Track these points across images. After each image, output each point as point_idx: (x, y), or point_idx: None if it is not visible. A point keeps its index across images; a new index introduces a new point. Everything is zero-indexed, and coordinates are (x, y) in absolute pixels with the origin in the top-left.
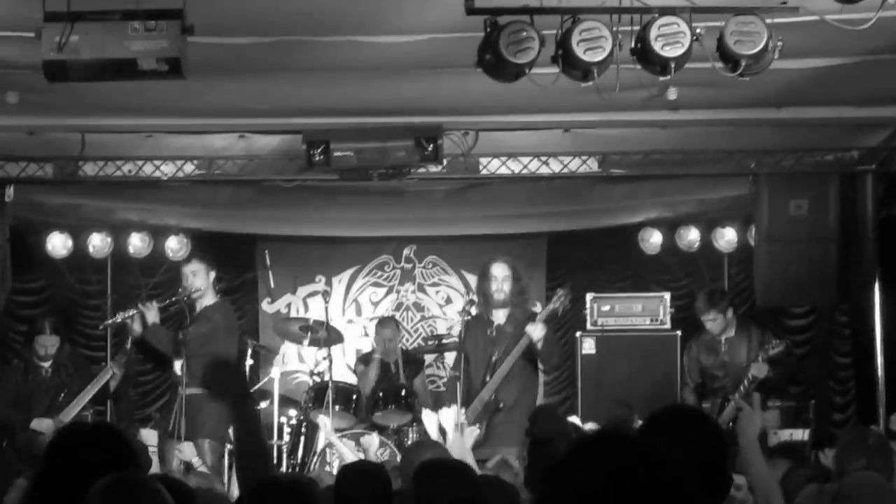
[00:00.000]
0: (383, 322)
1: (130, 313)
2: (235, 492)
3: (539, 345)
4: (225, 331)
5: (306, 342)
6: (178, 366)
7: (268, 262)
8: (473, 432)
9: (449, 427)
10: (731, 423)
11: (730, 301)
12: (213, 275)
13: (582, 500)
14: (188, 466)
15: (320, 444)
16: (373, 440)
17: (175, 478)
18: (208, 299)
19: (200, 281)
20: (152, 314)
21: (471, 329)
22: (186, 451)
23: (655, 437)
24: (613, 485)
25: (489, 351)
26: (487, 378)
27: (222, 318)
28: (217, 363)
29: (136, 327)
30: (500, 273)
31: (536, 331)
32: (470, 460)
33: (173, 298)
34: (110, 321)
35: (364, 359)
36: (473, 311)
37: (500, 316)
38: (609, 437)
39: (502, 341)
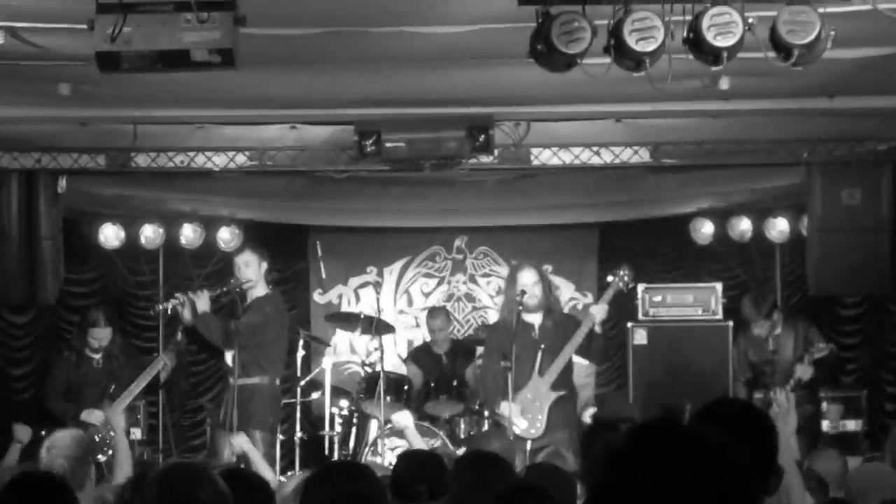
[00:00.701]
0: (433, 312)
1: (181, 300)
2: (286, 481)
3: (599, 328)
4: (276, 322)
5: (358, 331)
6: (229, 357)
7: (319, 252)
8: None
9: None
10: None
11: (774, 303)
12: (264, 266)
13: (642, 486)
14: (240, 458)
15: (372, 434)
16: (403, 416)
17: (245, 469)
18: (260, 290)
19: (252, 272)
20: (203, 302)
21: (519, 328)
22: (237, 443)
23: (708, 427)
24: (673, 471)
25: (535, 348)
26: (536, 371)
27: (273, 309)
28: None
29: (187, 315)
30: (529, 280)
31: (601, 311)
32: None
33: (224, 289)
34: (161, 307)
35: (414, 355)
36: (523, 303)
37: (535, 318)
38: (668, 424)
39: (546, 338)
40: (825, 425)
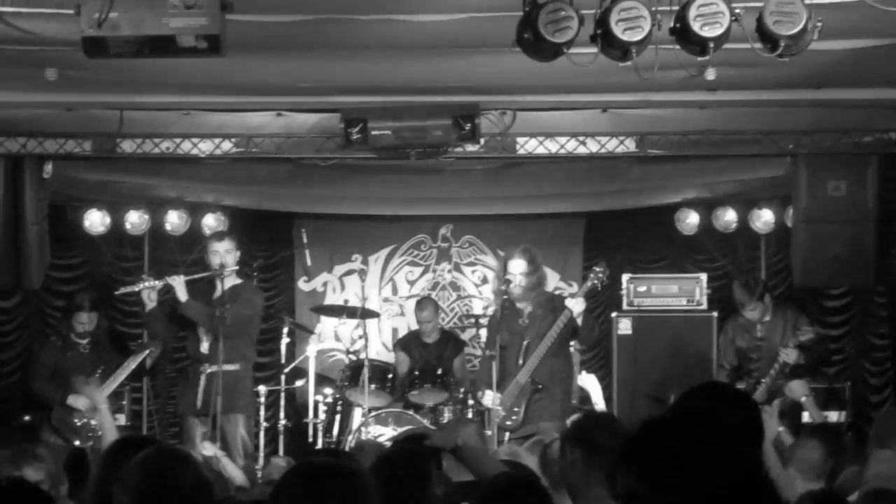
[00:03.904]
0: (421, 304)
1: (151, 284)
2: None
3: (579, 320)
4: (260, 313)
5: (343, 317)
6: (205, 345)
7: (305, 240)
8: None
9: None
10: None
11: (765, 286)
12: (238, 254)
13: (655, 472)
14: (206, 460)
15: (356, 422)
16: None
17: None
18: (235, 278)
19: (232, 258)
20: (181, 289)
21: (505, 316)
22: (207, 449)
23: (695, 403)
24: (685, 452)
25: (523, 336)
26: (520, 362)
27: (260, 300)
28: None
29: (150, 299)
30: (517, 269)
31: (577, 305)
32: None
33: (205, 275)
34: (126, 289)
35: (403, 343)
36: (508, 292)
37: (525, 306)
38: (677, 416)
39: (534, 326)
40: (806, 416)
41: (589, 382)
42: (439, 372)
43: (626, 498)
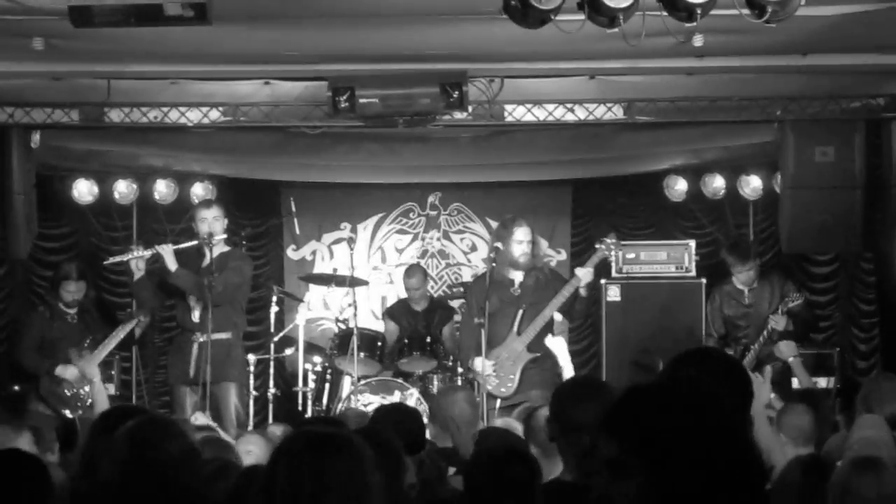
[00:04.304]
0: (409, 271)
1: (140, 253)
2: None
3: (584, 291)
4: (249, 281)
5: (332, 285)
6: (196, 313)
7: (293, 208)
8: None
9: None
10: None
11: (755, 250)
12: (226, 222)
13: (637, 439)
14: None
15: (345, 390)
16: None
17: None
18: (223, 246)
19: (220, 226)
20: (170, 258)
21: (494, 283)
22: (200, 419)
23: (684, 370)
24: (668, 419)
25: (517, 305)
26: (515, 330)
27: (249, 268)
28: None
29: (138, 269)
30: (525, 237)
31: (587, 275)
32: None
33: (195, 242)
34: (115, 259)
35: (391, 311)
36: (495, 264)
37: (517, 275)
38: (662, 384)
39: (527, 294)
40: (794, 382)
41: (556, 345)
42: (428, 340)
43: (607, 465)
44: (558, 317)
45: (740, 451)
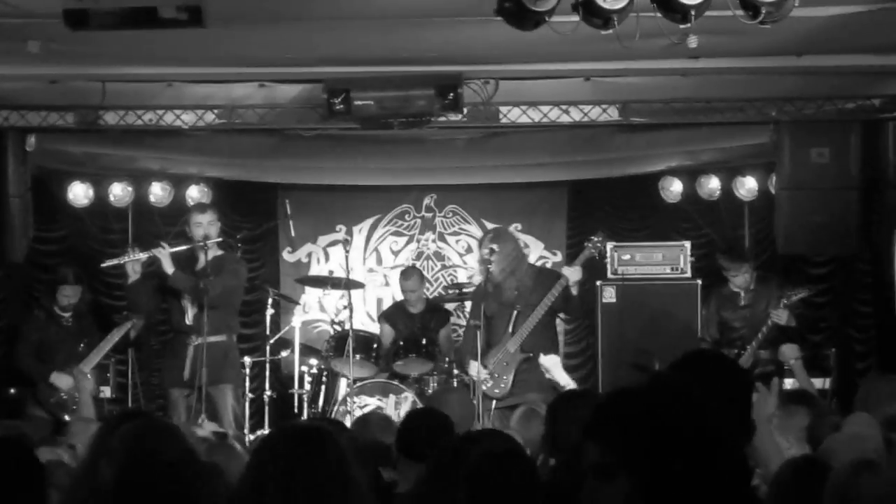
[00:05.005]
0: (406, 273)
1: (136, 256)
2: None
3: (574, 289)
4: (244, 284)
5: (328, 287)
6: (190, 316)
7: (288, 211)
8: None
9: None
10: None
11: (750, 251)
12: (220, 226)
13: (624, 436)
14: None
15: (341, 392)
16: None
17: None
18: (217, 250)
19: (215, 230)
20: (167, 261)
21: (493, 291)
22: (209, 426)
23: (680, 374)
24: (649, 424)
25: (513, 306)
26: (510, 330)
27: (245, 271)
28: None
29: (134, 272)
30: (476, 260)
31: (574, 273)
32: None
33: (189, 246)
34: (112, 262)
35: (387, 314)
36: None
37: (511, 283)
38: (650, 388)
39: (524, 296)
40: (788, 384)
41: (549, 363)
42: (424, 342)
43: (592, 469)
44: (561, 326)
45: (722, 454)
